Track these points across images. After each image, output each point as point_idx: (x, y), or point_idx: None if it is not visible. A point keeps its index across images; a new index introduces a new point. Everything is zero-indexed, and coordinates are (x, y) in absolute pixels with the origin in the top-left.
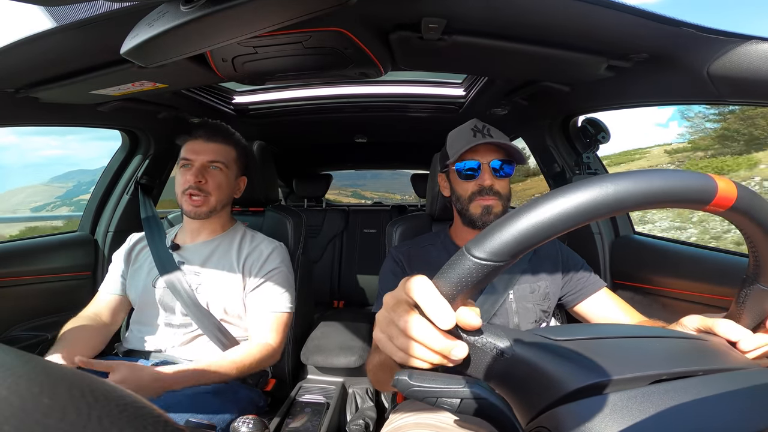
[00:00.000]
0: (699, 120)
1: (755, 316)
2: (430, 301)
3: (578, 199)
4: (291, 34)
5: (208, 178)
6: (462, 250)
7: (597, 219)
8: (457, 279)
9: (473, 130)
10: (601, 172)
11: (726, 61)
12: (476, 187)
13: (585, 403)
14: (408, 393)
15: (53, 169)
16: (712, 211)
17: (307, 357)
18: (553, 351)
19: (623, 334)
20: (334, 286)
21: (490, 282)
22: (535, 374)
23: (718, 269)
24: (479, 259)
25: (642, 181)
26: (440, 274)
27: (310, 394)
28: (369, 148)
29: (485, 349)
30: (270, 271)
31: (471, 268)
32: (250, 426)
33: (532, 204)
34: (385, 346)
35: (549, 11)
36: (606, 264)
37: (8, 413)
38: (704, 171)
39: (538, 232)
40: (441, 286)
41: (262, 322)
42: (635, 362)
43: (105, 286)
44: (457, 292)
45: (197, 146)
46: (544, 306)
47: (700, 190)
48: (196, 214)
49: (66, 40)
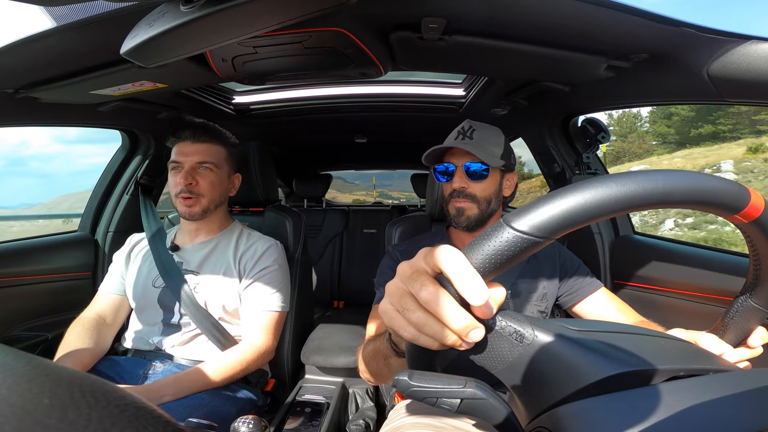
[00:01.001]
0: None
1: (739, 333)
2: (463, 272)
3: (629, 187)
4: (291, 34)
5: (198, 179)
6: (500, 221)
7: (642, 209)
8: (492, 252)
9: (458, 132)
10: (602, 172)
11: (725, 61)
12: (451, 189)
13: (584, 404)
14: (408, 393)
15: (98, 176)
16: (736, 221)
17: (307, 357)
18: (575, 340)
19: (637, 331)
20: (334, 286)
21: (521, 261)
22: (553, 363)
23: (718, 269)
24: (520, 232)
25: (688, 179)
26: (472, 246)
27: (310, 394)
28: (369, 148)
29: (503, 332)
30: (263, 269)
31: (509, 241)
32: (249, 426)
33: (582, 185)
34: (392, 320)
35: (549, 11)
36: (606, 264)
37: (8, 413)
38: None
39: (585, 211)
40: (473, 257)
41: (253, 321)
42: (655, 356)
43: (105, 286)
44: (490, 266)
45: (185, 148)
46: (542, 306)
47: (736, 197)
48: (190, 216)
49: (66, 40)
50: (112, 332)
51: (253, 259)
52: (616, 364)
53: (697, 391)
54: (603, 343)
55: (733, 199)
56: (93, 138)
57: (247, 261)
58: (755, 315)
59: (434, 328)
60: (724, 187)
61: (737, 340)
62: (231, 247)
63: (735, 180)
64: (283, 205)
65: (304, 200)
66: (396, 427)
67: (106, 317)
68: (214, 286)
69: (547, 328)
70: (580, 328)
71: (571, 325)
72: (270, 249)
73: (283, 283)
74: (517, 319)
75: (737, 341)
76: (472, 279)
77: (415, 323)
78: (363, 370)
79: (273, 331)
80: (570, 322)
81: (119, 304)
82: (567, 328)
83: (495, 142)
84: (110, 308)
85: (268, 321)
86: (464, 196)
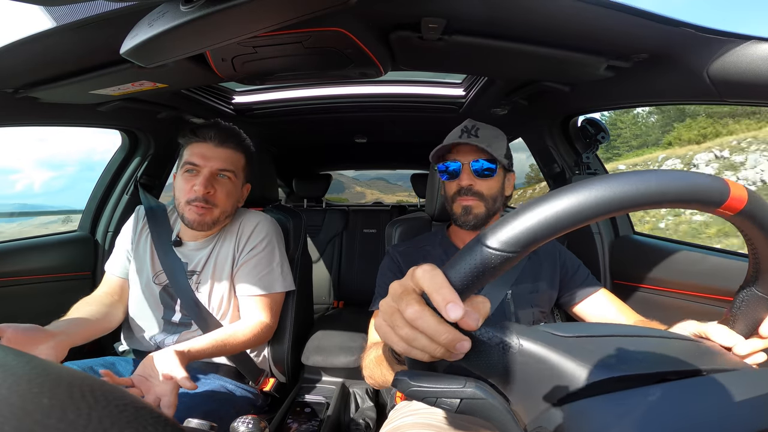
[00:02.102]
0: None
1: (750, 324)
2: (439, 291)
3: (600, 193)
4: (291, 34)
5: (217, 187)
6: (475, 239)
7: (612, 215)
8: (469, 269)
9: (462, 130)
10: (601, 172)
11: (725, 61)
12: (457, 187)
13: (584, 404)
14: (408, 393)
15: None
16: (721, 214)
17: (307, 357)
18: (560, 346)
19: (629, 333)
20: (334, 286)
21: (500, 274)
22: (541, 370)
23: (718, 270)
24: (493, 249)
25: (661, 179)
26: (451, 264)
27: (310, 394)
28: (369, 148)
29: (491, 342)
30: (254, 248)
31: (484, 258)
32: (249, 426)
33: (547, 196)
34: (386, 336)
35: (549, 11)
36: (606, 264)
37: (8, 413)
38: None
39: (557, 222)
40: (451, 275)
41: (250, 303)
42: (643, 360)
43: (111, 268)
44: (467, 283)
45: (206, 150)
46: (543, 306)
47: (714, 192)
48: (200, 225)
49: (66, 40)
50: (121, 309)
51: (244, 240)
52: (601, 371)
53: (694, 392)
54: (588, 349)
55: (711, 194)
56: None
57: (240, 244)
58: (762, 304)
59: (422, 342)
60: (699, 182)
61: (748, 331)
62: (232, 242)
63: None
64: (283, 205)
65: (304, 200)
66: (396, 427)
67: (113, 294)
68: (216, 286)
69: (532, 336)
70: (567, 333)
71: (559, 331)
72: (259, 225)
73: (274, 263)
74: (503, 329)
75: (748, 332)
76: (446, 297)
77: (404, 339)
78: (368, 376)
79: (272, 310)
80: (558, 327)
81: (123, 284)
82: (553, 335)
83: (499, 141)
84: (116, 288)
85: (264, 301)
86: (472, 194)
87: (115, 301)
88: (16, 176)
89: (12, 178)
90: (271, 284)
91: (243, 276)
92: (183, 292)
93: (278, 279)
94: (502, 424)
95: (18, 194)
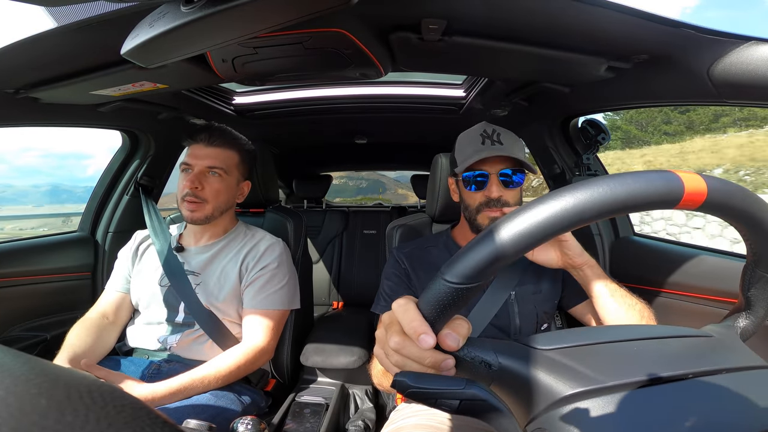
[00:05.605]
0: None
1: (766, 303)
2: (410, 324)
3: (539, 215)
4: (291, 34)
5: (205, 184)
6: (438, 273)
7: (561, 233)
8: (435, 301)
9: (482, 136)
10: (601, 173)
11: (727, 62)
12: (483, 198)
13: (583, 405)
14: (408, 394)
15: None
16: (687, 209)
17: (307, 358)
18: (537, 361)
19: (613, 338)
20: (334, 286)
21: (468, 302)
22: (523, 384)
23: (718, 271)
24: (452, 283)
25: (605, 187)
26: (421, 296)
27: (310, 395)
28: (369, 148)
29: (474, 362)
30: (263, 267)
31: (445, 291)
32: (248, 427)
33: (496, 225)
34: (382, 362)
35: (549, 12)
36: (606, 265)
37: (6, 414)
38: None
39: (502, 253)
40: (422, 307)
41: (253, 321)
42: (622, 368)
43: (111, 284)
44: (436, 313)
45: (198, 150)
46: (546, 307)
47: (665, 189)
48: (193, 220)
49: (66, 40)
50: (115, 331)
51: (254, 259)
52: (577, 384)
53: (686, 395)
54: (563, 363)
55: (662, 193)
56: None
57: (249, 261)
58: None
59: (412, 366)
60: (644, 185)
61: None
62: (234, 250)
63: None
64: (283, 206)
65: (304, 201)
66: (399, 427)
67: (108, 316)
68: (219, 289)
69: (510, 353)
70: (546, 346)
71: (538, 344)
72: (271, 247)
73: (284, 281)
74: (483, 347)
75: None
76: (417, 330)
77: (396, 364)
78: (377, 383)
79: (273, 331)
80: (539, 339)
81: (121, 301)
82: (532, 349)
83: (519, 144)
84: (112, 306)
85: (267, 320)
86: (502, 205)
87: (107, 324)
88: (88, 161)
89: (84, 163)
90: (278, 301)
91: (252, 291)
92: (184, 293)
93: (285, 297)
94: (501, 425)
95: (89, 177)
